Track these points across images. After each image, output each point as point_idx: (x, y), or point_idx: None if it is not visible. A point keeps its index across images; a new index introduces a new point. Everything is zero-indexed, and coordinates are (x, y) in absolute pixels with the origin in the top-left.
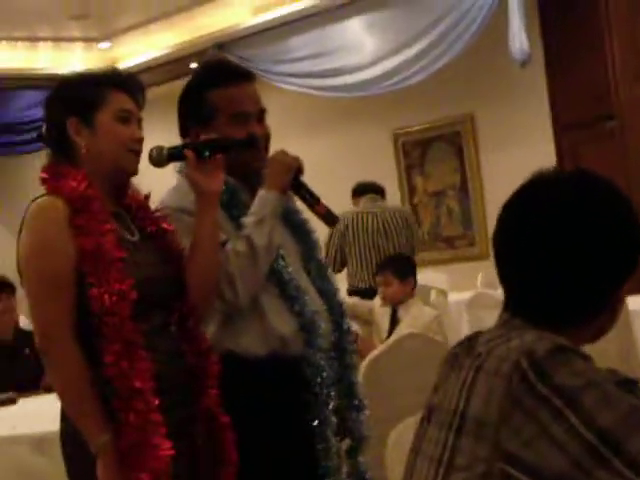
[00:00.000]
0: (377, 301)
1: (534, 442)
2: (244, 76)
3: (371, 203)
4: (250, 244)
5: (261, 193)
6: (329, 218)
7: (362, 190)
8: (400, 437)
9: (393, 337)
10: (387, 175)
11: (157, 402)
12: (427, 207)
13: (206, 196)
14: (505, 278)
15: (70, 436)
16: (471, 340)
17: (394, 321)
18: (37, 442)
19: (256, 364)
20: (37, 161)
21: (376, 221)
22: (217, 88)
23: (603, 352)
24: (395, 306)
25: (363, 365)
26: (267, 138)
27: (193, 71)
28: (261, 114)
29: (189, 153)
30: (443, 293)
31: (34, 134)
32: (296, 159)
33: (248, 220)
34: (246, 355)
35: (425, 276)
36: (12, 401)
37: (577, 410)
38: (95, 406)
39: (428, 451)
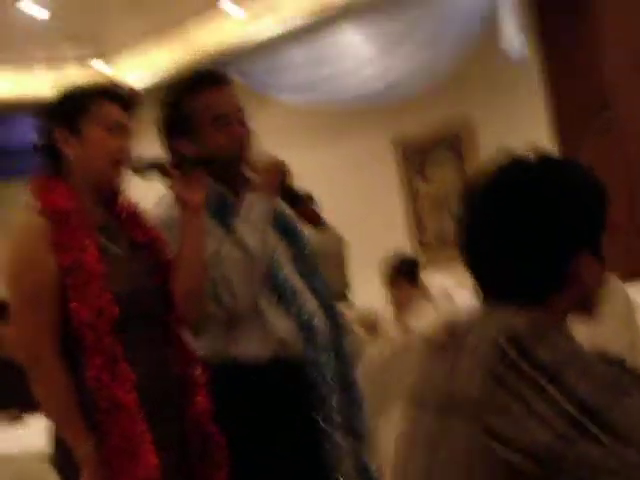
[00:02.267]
0: (384, 309)
1: (519, 419)
2: (219, 79)
3: None
4: (245, 249)
5: (251, 197)
6: (316, 220)
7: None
8: (390, 425)
9: (402, 340)
10: (389, 182)
11: (141, 413)
12: (430, 211)
13: (189, 208)
14: (472, 266)
15: (57, 446)
16: (452, 322)
17: (403, 325)
18: (43, 456)
19: (259, 368)
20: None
21: None
22: (193, 94)
23: (608, 344)
24: (401, 309)
25: (366, 363)
26: (249, 136)
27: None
28: (240, 114)
29: (171, 169)
30: (449, 295)
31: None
32: (282, 163)
33: (241, 225)
34: (248, 360)
35: (433, 279)
36: (17, 418)
37: (559, 385)
38: (78, 418)
39: (416, 433)
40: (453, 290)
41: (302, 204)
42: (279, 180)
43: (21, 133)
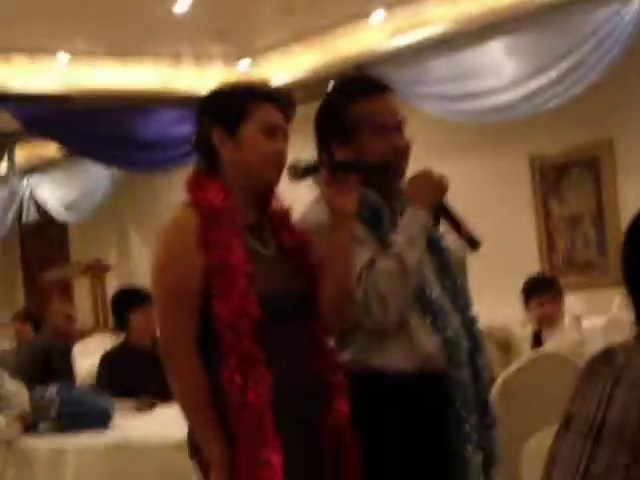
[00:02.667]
0: (518, 326)
1: None
2: (384, 88)
3: None
4: (402, 264)
5: (411, 211)
6: (472, 242)
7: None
8: (534, 450)
9: (530, 355)
10: (523, 200)
11: (270, 415)
12: (562, 232)
13: (340, 215)
14: (633, 289)
15: (193, 446)
16: (608, 352)
17: (537, 344)
18: (175, 445)
19: (402, 380)
20: (175, 178)
21: None
22: (358, 101)
23: None
24: (538, 329)
25: (499, 381)
26: (408, 149)
27: (331, 86)
28: (401, 125)
29: (325, 172)
30: (578, 319)
31: (174, 152)
32: (444, 177)
33: (399, 239)
34: (392, 371)
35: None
36: (150, 407)
37: None
38: (211, 417)
39: (565, 458)
40: (581, 315)
41: (459, 224)
42: (440, 196)
43: (163, 126)
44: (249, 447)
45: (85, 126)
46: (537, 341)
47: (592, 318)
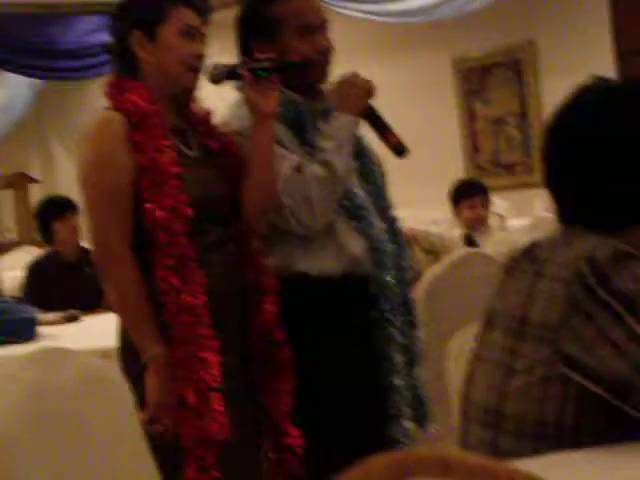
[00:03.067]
0: (446, 230)
1: (594, 346)
2: None
3: None
4: (331, 169)
5: (337, 116)
6: (399, 149)
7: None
8: (459, 348)
9: (456, 254)
10: (447, 102)
11: (208, 317)
12: (487, 134)
13: (261, 116)
14: (557, 188)
15: (126, 345)
16: (530, 247)
17: (471, 246)
18: (102, 354)
19: (327, 283)
20: (96, 87)
21: None
22: (281, 0)
23: None
24: (469, 232)
25: (425, 281)
26: (330, 51)
27: None
28: (324, 25)
29: (245, 72)
30: (503, 219)
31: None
32: (369, 81)
33: (327, 144)
34: (320, 276)
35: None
36: (75, 318)
37: (636, 314)
38: (148, 318)
39: (489, 356)
40: (506, 216)
41: (385, 128)
42: (366, 100)
43: (82, 34)
44: (187, 347)
45: (1, 35)
46: (470, 244)
47: (517, 219)
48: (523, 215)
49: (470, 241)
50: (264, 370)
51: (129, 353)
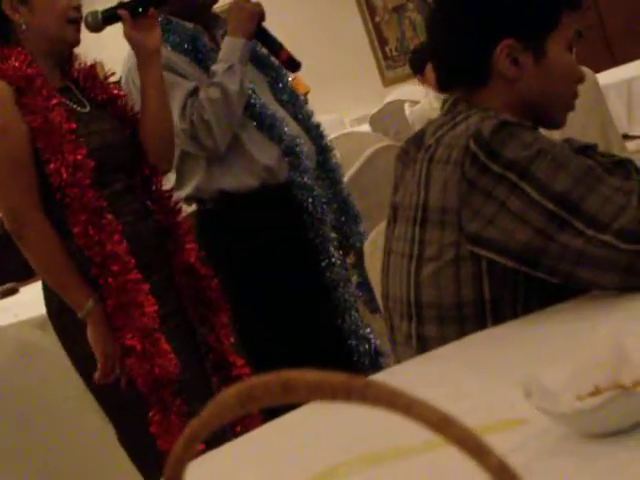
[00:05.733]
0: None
1: (496, 219)
2: None
3: None
4: (223, 91)
5: (228, 40)
6: (291, 64)
7: None
8: (374, 246)
9: (370, 150)
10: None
11: (133, 261)
12: (390, 24)
13: (146, 53)
14: (432, 54)
15: (57, 309)
16: (418, 135)
17: None
18: (40, 323)
19: (249, 197)
20: None
21: None
22: None
23: (583, 130)
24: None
25: (346, 179)
26: None
27: None
28: None
29: (123, 12)
30: (417, 103)
31: None
32: (258, 4)
33: (218, 67)
34: (237, 191)
35: (399, 91)
36: (13, 291)
37: (531, 180)
38: (76, 275)
39: (398, 249)
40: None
41: (278, 47)
42: (255, 22)
43: None
44: (121, 295)
45: None
46: None
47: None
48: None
49: None
50: (198, 308)
51: (63, 315)
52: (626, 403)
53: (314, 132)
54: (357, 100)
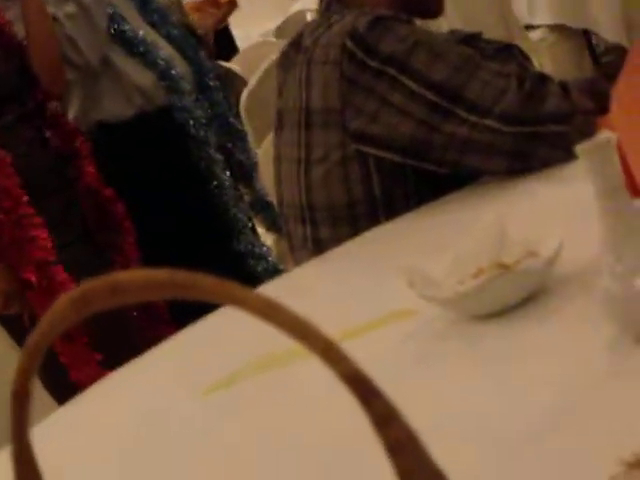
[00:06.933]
0: None
1: (379, 115)
2: None
3: None
4: (79, 4)
5: None
6: None
7: None
8: (268, 150)
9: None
10: None
11: (25, 195)
12: None
13: None
14: None
15: None
16: (297, 38)
17: None
18: None
19: (127, 126)
20: None
21: None
22: None
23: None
24: None
25: (242, 98)
26: None
27: None
28: None
29: None
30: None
31: None
32: None
33: None
34: (115, 120)
35: (302, 2)
36: None
37: (410, 73)
38: None
39: (287, 154)
40: None
41: None
42: None
43: None
44: (12, 231)
45: None
46: None
47: None
48: None
49: None
50: (103, 231)
51: None
52: (506, 281)
53: (190, 52)
54: (262, 15)
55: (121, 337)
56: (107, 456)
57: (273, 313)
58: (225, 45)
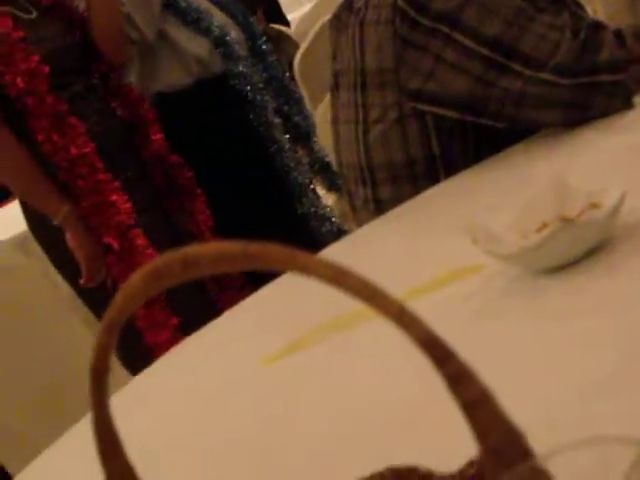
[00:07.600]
0: None
1: (434, 73)
2: None
3: None
4: None
5: None
6: None
7: None
8: (325, 112)
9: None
10: None
11: (102, 162)
12: None
13: None
14: None
15: (36, 221)
16: (349, 0)
17: None
18: (19, 242)
19: (186, 95)
20: None
21: None
22: None
23: None
24: None
25: (296, 61)
26: None
27: None
28: None
29: None
30: None
31: None
32: None
33: None
34: (173, 90)
35: None
36: None
37: (463, 29)
38: (45, 181)
39: (344, 116)
40: None
41: None
42: None
43: None
44: (92, 197)
45: None
46: None
47: None
48: None
49: None
50: (173, 197)
51: (43, 225)
52: (570, 234)
53: (240, 18)
54: None
55: (196, 302)
56: (181, 427)
57: (345, 280)
58: (272, 9)
